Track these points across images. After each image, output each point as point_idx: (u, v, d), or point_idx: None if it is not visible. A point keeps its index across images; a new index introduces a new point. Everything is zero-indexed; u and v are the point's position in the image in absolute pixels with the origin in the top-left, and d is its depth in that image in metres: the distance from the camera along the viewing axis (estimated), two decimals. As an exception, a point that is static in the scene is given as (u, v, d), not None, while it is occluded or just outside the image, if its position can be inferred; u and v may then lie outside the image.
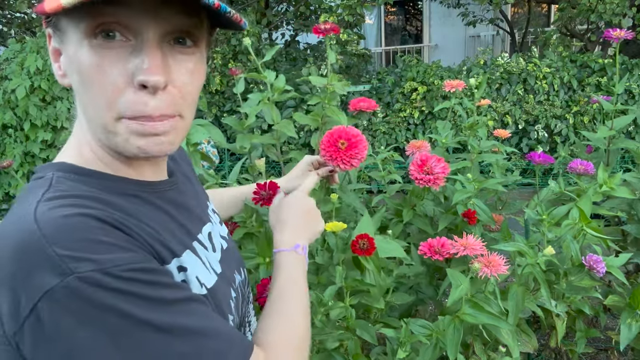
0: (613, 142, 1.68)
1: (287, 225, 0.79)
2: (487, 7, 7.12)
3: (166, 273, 0.53)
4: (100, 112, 0.52)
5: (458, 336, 1.01)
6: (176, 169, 0.71)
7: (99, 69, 0.50)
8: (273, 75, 1.38)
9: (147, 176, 0.61)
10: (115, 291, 0.45)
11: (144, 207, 0.57)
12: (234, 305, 0.67)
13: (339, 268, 1.02)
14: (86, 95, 0.53)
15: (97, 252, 0.46)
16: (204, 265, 0.62)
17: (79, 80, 0.52)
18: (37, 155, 4.25)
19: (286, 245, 0.75)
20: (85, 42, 0.50)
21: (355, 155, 0.96)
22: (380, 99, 5.48)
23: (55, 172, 0.55)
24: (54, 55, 0.56)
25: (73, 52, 0.52)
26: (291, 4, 6.82)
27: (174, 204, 0.63)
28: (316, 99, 1.36)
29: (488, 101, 1.80)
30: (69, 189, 0.52)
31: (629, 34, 1.52)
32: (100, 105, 0.52)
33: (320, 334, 0.96)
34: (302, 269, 0.74)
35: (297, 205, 0.83)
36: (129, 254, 0.48)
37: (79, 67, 0.51)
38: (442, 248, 1.16)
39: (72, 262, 0.44)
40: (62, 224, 0.46)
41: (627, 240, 1.62)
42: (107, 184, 0.56)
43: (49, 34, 0.56)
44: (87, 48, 0.50)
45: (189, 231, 0.64)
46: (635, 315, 1.28)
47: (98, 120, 0.53)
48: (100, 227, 0.48)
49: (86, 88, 0.52)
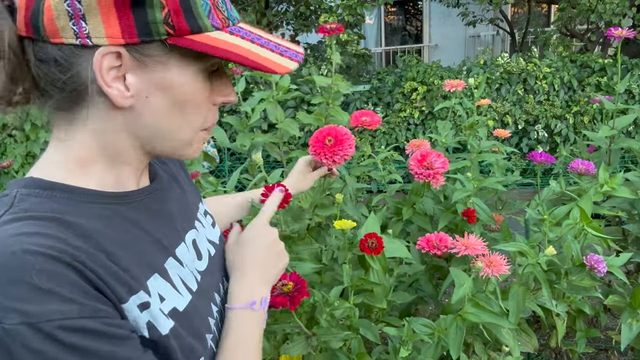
0: (615, 142, 1.68)
1: (245, 272, 0.70)
2: (487, 7, 7.12)
3: (111, 335, 0.47)
4: (192, 130, 0.59)
5: (461, 335, 1.01)
6: (162, 170, 0.70)
7: (202, 96, 0.58)
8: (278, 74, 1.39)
9: (129, 185, 0.60)
10: (36, 353, 0.42)
11: (110, 225, 0.54)
12: (215, 321, 0.64)
13: (345, 267, 1.02)
14: (176, 116, 0.57)
15: (31, 302, 0.43)
16: (175, 289, 0.58)
17: (171, 103, 0.56)
18: (38, 155, 4.24)
19: (240, 302, 0.67)
20: (199, 77, 0.57)
21: (338, 152, 0.99)
22: (380, 99, 5.48)
23: (20, 189, 0.53)
24: (110, 72, 0.52)
25: (170, 77, 0.55)
26: (291, 4, 6.82)
27: (151, 213, 0.61)
28: (320, 98, 1.36)
29: (488, 101, 1.80)
30: (30, 208, 0.50)
31: (630, 32, 1.52)
32: (194, 125, 0.59)
33: (327, 334, 0.96)
34: (257, 329, 0.67)
35: (257, 242, 0.73)
36: (68, 306, 0.44)
37: (179, 93, 0.56)
38: (440, 242, 1.16)
39: (0, 309, 0.42)
40: (3, 263, 0.44)
41: (628, 240, 1.62)
42: (74, 198, 0.53)
43: (116, 52, 0.51)
44: (196, 81, 0.57)
45: (165, 246, 0.60)
46: (636, 315, 1.28)
47: (184, 135, 0.59)
48: (46, 269, 0.44)
49: (182, 111, 0.57)
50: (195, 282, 0.63)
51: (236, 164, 4.53)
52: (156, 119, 0.56)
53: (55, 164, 0.56)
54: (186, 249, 0.65)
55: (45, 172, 0.55)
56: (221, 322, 0.66)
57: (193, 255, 0.66)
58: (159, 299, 0.55)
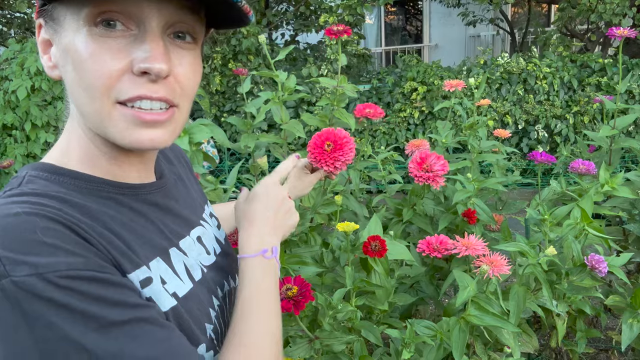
0: (615, 141, 1.68)
1: (255, 223, 0.69)
2: (487, 7, 7.12)
3: (120, 285, 0.48)
4: (96, 99, 0.51)
5: (464, 337, 1.01)
6: (169, 170, 0.70)
7: (97, 56, 0.50)
8: (284, 75, 1.38)
9: (132, 179, 0.60)
10: (48, 301, 0.42)
11: (116, 211, 0.55)
12: (216, 314, 0.63)
13: (348, 269, 1.02)
14: (80, 83, 0.51)
15: (38, 255, 0.43)
16: (175, 274, 0.58)
17: (74, 69, 0.51)
18: (39, 155, 4.25)
19: (251, 250, 0.66)
20: (84, 30, 0.50)
21: (339, 158, 0.95)
22: (380, 99, 5.48)
23: (31, 171, 0.54)
24: (43, 46, 0.56)
25: (69, 40, 0.51)
26: (291, 4, 6.82)
27: (156, 206, 0.61)
28: (325, 100, 1.36)
29: (488, 101, 1.80)
30: (37, 188, 0.51)
31: (632, 32, 1.52)
32: (96, 91, 0.50)
33: (330, 337, 0.95)
34: (272, 275, 0.66)
35: (267, 197, 0.72)
36: (74, 258, 0.45)
37: (74, 55, 0.51)
38: (440, 245, 1.16)
39: (9, 263, 0.42)
40: (8, 223, 0.45)
41: (629, 240, 1.62)
42: (81, 184, 0.54)
43: (39, 24, 0.55)
44: (85, 36, 0.50)
45: (168, 237, 0.61)
46: (637, 315, 1.28)
47: (92, 107, 0.52)
48: (49, 227, 0.46)
49: (81, 76, 0.51)
50: (201, 273, 0.64)
51: (236, 164, 4.54)
52: (72, 90, 0.53)
53: (65, 151, 0.57)
54: (192, 242, 0.65)
55: (57, 158, 0.57)
56: (222, 318, 0.66)
57: (200, 249, 0.66)
58: (160, 281, 0.55)
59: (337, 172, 1.01)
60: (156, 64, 0.50)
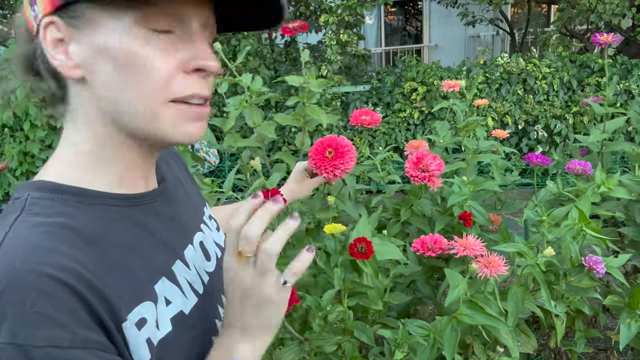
0: (606, 145, 1.68)
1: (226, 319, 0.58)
2: (486, 7, 7.13)
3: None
4: (148, 98, 0.52)
5: (455, 337, 1.01)
6: (168, 173, 0.69)
7: (148, 56, 0.51)
8: (249, 78, 1.37)
9: (138, 185, 0.59)
10: None
11: (119, 230, 0.54)
12: (222, 323, 0.62)
13: (337, 270, 1.01)
14: (127, 83, 0.51)
15: (24, 325, 0.43)
16: (181, 291, 0.58)
17: (115, 68, 0.51)
18: (37, 155, 4.25)
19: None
20: (130, 31, 0.50)
21: (339, 166, 0.96)
22: (380, 99, 5.48)
23: (31, 192, 0.53)
24: (55, 44, 0.52)
25: (105, 40, 0.50)
26: (291, 4, 6.82)
27: (159, 217, 0.61)
28: (295, 98, 1.36)
29: (486, 101, 1.80)
30: (41, 212, 0.51)
31: (615, 38, 1.51)
32: (147, 90, 0.51)
33: (319, 339, 0.95)
34: None
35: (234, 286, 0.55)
36: (61, 332, 0.44)
37: (119, 54, 0.50)
38: (435, 245, 1.16)
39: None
40: (7, 277, 0.44)
41: (625, 242, 1.62)
42: (85, 201, 0.53)
43: (49, 22, 0.51)
44: (132, 36, 0.50)
45: (173, 249, 0.60)
46: (635, 315, 1.28)
47: (142, 106, 0.52)
48: (45, 292, 0.44)
49: (128, 75, 0.51)
50: (202, 285, 0.63)
51: (236, 164, 4.55)
52: (108, 90, 0.52)
53: (67, 163, 0.56)
54: (194, 251, 0.65)
55: (57, 173, 0.55)
56: None
57: (201, 256, 0.66)
58: (165, 302, 0.55)
59: (336, 180, 1.01)
60: (211, 62, 0.53)
